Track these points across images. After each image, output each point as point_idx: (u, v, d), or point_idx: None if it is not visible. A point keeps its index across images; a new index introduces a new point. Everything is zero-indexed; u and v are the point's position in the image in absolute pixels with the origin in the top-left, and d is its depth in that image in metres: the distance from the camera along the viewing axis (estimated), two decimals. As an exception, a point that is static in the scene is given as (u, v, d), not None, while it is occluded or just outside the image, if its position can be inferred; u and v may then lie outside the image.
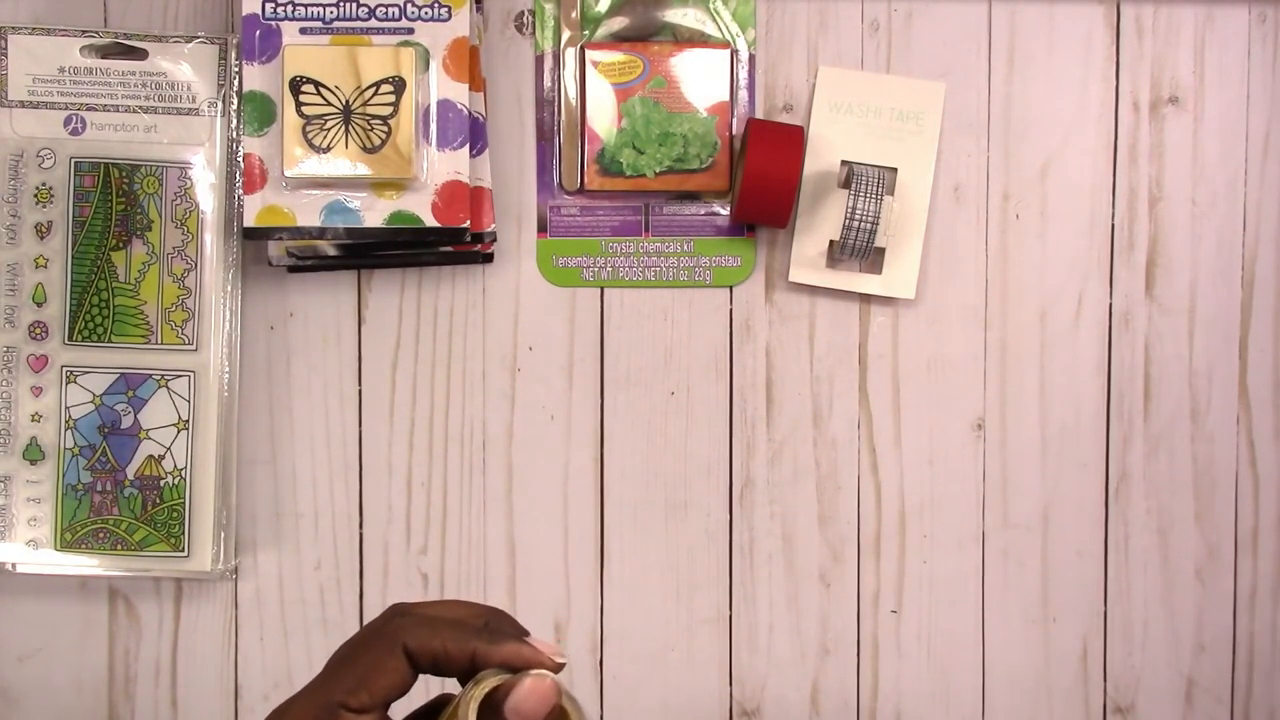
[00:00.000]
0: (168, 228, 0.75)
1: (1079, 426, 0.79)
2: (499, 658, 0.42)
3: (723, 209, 0.78)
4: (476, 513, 0.79)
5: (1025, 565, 0.80)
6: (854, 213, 0.74)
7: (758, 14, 0.78)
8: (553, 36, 0.77)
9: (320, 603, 0.78)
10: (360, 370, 0.78)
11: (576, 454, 0.79)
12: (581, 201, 0.78)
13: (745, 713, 0.80)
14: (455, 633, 0.42)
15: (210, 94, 0.74)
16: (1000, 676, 0.80)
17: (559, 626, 0.79)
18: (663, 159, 0.77)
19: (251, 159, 0.73)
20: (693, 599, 0.79)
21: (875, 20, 0.78)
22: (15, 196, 0.74)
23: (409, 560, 0.78)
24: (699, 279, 0.78)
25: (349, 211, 0.73)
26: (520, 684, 0.42)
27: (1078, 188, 0.79)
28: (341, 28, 0.73)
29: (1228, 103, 0.79)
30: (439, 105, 0.73)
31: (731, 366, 0.79)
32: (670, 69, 0.76)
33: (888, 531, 0.79)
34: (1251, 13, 0.79)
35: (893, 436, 0.79)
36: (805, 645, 0.80)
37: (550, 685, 0.42)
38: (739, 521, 0.79)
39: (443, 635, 0.42)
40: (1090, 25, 0.79)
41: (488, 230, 0.75)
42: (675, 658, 0.79)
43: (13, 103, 0.74)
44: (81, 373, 0.75)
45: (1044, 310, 0.79)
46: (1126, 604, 0.80)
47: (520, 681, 0.42)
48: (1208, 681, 0.80)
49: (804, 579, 0.79)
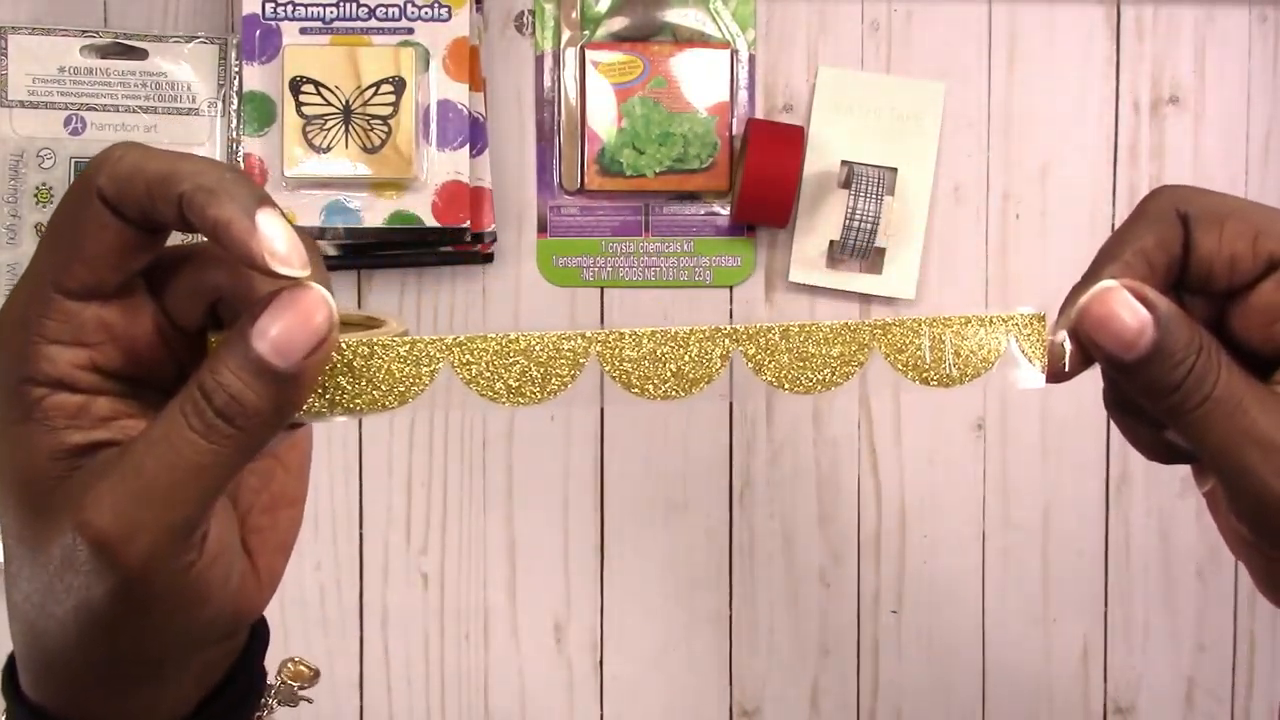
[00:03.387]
0: (168, 228, 0.75)
1: (1079, 426, 0.79)
2: (208, 219, 0.30)
3: (723, 209, 0.78)
4: (476, 513, 0.79)
5: (1025, 565, 0.80)
6: (854, 213, 0.74)
7: (758, 14, 0.78)
8: (553, 36, 0.77)
9: (320, 602, 0.78)
10: (360, 370, 0.78)
11: (576, 454, 0.79)
12: (581, 201, 0.78)
13: (745, 713, 0.80)
14: (163, 170, 0.31)
15: (210, 94, 0.74)
16: (1000, 676, 0.80)
17: (559, 626, 0.79)
18: (663, 159, 0.77)
19: (251, 159, 0.73)
20: (693, 599, 0.79)
21: (875, 20, 0.78)
22: (15, 196, 0.74)
23: (409, 560, 0.78)
24: (699, 279, 0.78)
25: (349, 211, 0.73)
26: (269, 299, 0.31)
27: (1078, 188, 0.79)
28: (341, 28, 0.73)
29: (1228, 103, 0.79)
30: (439, 105, 0.73)
31: (731, 366, 0.79)
32: (670, 69, 0.76)
33: (888, 531, 0.79)
34: (1251, 13, 0.79)
35: (893, 436, 0.79)
36: (805, 645, 0.80)
37: (314, 300, 0.31)
38: (739, 521, 0.79)
39: (146, 174, 0.31)
40: (1090, 25, 0.79)
41: (488, 230, 0.75)
42: (675, 658, 0.79)
43: (13, 103, 0.74)
44: (81, 373, 0.75)
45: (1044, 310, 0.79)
46: (1127, 604, 0.80)
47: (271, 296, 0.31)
48: (1208, 681, 0.80)
49: (804, 579, 0.79)
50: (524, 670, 0.79)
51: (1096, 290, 0.35)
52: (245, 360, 0.30)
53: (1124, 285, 0.34)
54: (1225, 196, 0.36)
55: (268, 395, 0.30)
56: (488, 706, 0.79)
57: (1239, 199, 0.36)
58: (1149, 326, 0.34)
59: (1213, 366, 0.34)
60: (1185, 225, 0.35)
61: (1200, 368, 0.34)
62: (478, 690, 0.79)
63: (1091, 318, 0.35)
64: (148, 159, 0.31)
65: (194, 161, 0.31)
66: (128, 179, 0.31)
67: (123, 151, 0.31)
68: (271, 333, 0.30)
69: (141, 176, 0.31)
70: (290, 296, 0.31)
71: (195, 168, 0.31)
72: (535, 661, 0.79)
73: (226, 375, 0.30)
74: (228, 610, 0.34)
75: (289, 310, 0.30)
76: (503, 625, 0.79)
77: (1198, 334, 0.34)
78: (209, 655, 0.35)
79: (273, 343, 0.30)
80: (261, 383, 0.30)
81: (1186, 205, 0.35)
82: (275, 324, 0.30)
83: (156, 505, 0.30)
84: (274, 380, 0.30)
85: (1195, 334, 0.34)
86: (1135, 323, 0.34)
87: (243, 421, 0.30)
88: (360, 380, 0.32)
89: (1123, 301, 0.34)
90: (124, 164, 0.31)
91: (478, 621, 0.79)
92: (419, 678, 0.79)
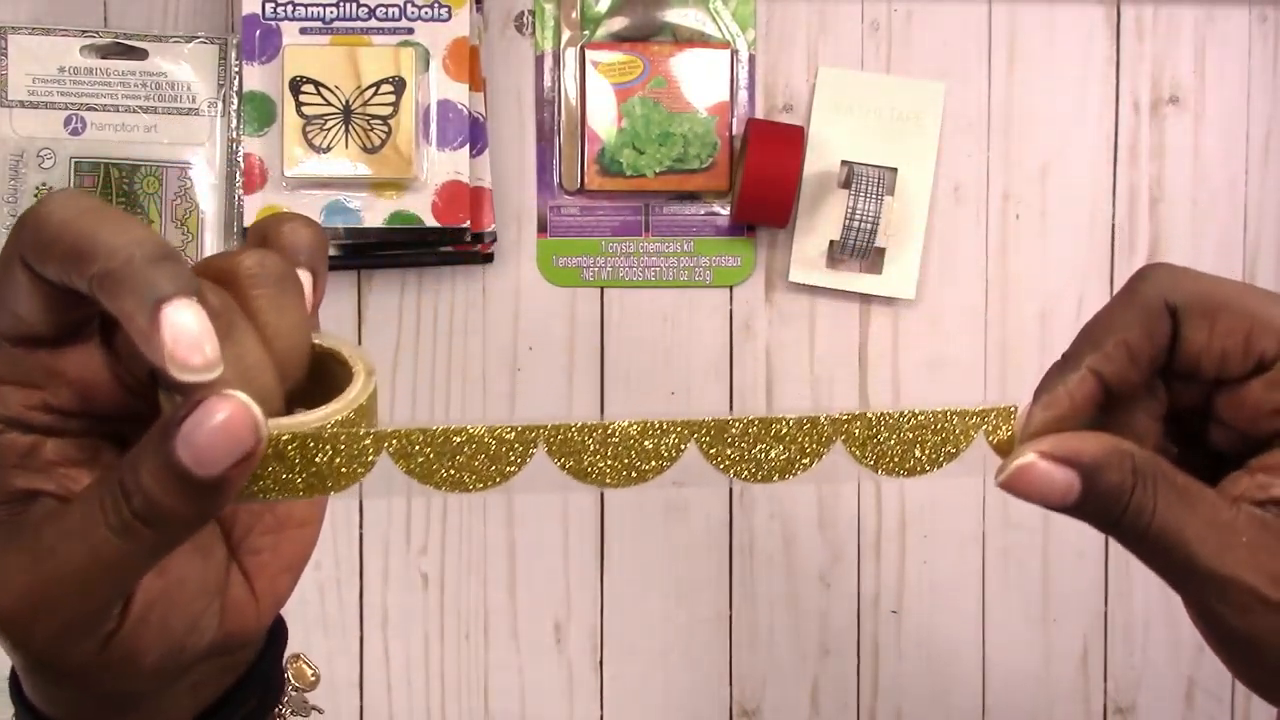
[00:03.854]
0: (168, 228, 0.75)
1: (1079, 426, 0.79)
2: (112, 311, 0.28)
3: (723, 209, 0.78)
4: (476, 513, 0.79)
5: (1025, 565, 0.80)
6: (854, 213, 0.74)
7: (758, 14, 0.78)
8: (553, 36, 0.77)
9: (320, 602, 0.78)
10: (360, 370, 0.78)
11: (576, 454, 0.79)
12: (581, 201, 0.78)
13: (745, 713, 0.80)
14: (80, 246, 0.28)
15: (210, 94, 0.74)
16: (1000, 676, 0.80)
17: (559, 626, 0.79)
18: (663, 159, 0.77)
19: (251, 159, 0.73)
20: (693, 599, 0.79)
21: (875, 20, 0.78)
22: (15, 196, 0.74)
23: (409, 560, 0.78)
24: (699, 279, 0.78)
25: (349, 211, 0.73)
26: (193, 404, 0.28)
27: (1078, 188, 0.79)
28: (341, 28, 0.73)
29: (1228, 103, 0.79)
30: (439, 105, 0.73)
31: (731, 367, 0.79)
32: (670, 69, 0.76)
33: (888, 532, 0.79)
34: (1251, 13, 0.79)
35: (893, 436, 0.79)
36: (805, 645, 0.80)
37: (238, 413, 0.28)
38: (739, 521, 0.79)
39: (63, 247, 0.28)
40: (1090, 25, 0.79)
41: (488, 230, 0.75)
42: (675, 658, 0.79)
43: (13, 103, 0.74)
44: (81, 373, 0.75)
45: (1044, 310, 0.79)
46: (1127, 604, 0.80)
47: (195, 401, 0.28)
48: (1208, 682, 0.80)
49: (804, 579, 0.79)
50: (524, 670, 0.79)
51: (1013, 468, 0.34)
52: (165, 464, 0.28)
53: (1043, 453, 0.34)
54: (1219, 283, 0.35)
55: (187, 501, 0.29)
56: (488, 707, 0.79)
57: (1234, 285, 0.35)
58: (1075, 481, 0.34)
59: (1149, 497, 0.33)
60: (1174, 317, 0.35)
61: (1136, 502, 0.33)
62: (478, 690, 0.79)
63: (1014, 491, 0.35)
64: (68, 227, 0.28)
65: (115, 233, 0.28)
66: (45, 249, 0.29)
67: (51, 210, 0.29)
68: (193, 441, 0.28)
69: (59, 248, 0.28)
70: (212, 406, 0.28)
71: (112, 244, 0.28)
72: (535, 662, 0.79)
73: (146, 478, 0.28)
74: (199, 644, 0.33)
75: (210, 420, 0.28)
76: (503, 625, 0.79)
77: (1129, 468, 0.33)
78: (196, 676, 0.34)
79: (194, 453, 0.28)
80: (181, 488, 0.28)
81: (1176, 296, 0.34)
82: (197, 432, 0.28)
83: (66, 593, 0.29)
84: (194, 487, 0.28)
85: (1125, 471, 0.33)
86: (1060, 483, 0.34)
87: (160, 524, 0.29)
88: (293, 469, 0.30)
89: (1040, 473, 0.34)
90: (46, 230, 0.29)
91: (478, 622, 0.79)
92: (419, 678, 0.79)
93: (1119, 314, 0.35)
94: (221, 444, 0.28)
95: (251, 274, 0.31)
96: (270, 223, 0.34)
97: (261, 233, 0.34)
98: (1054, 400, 0.35)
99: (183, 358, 0.28)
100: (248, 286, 0.31)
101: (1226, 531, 0.33)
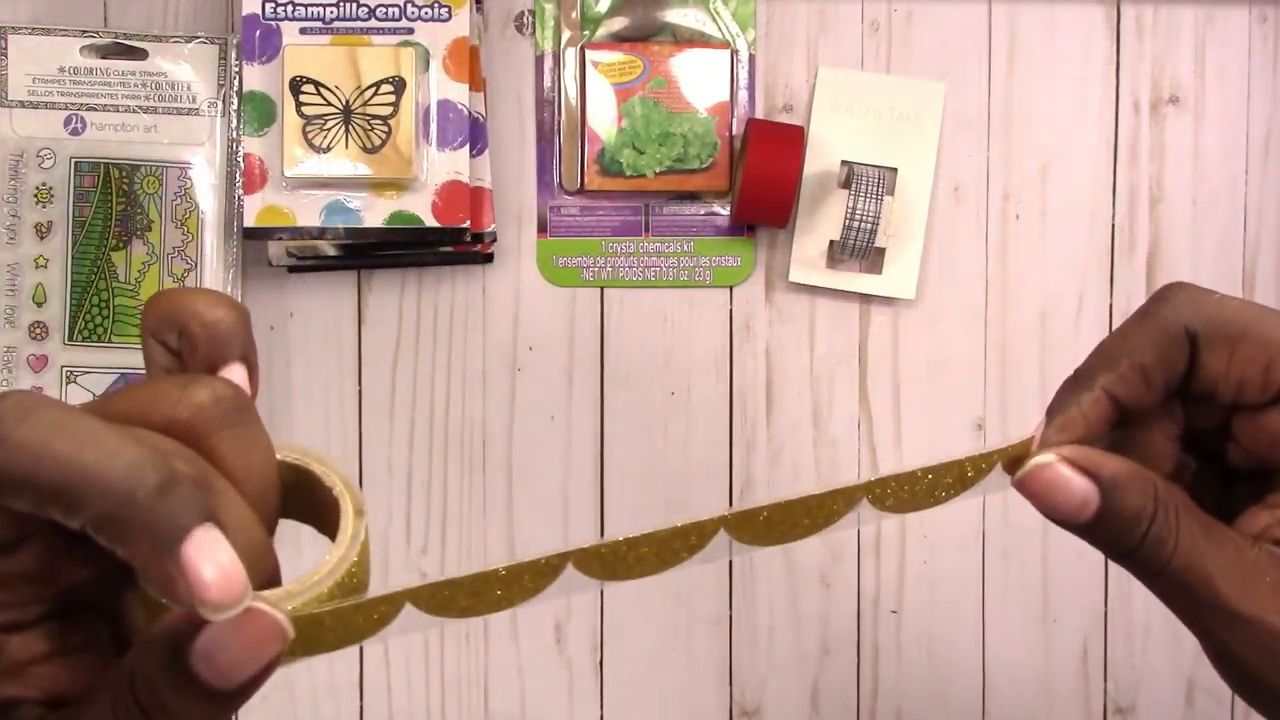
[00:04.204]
0: (168, 228, 0.75)
1: (1079, 426, 0.79)
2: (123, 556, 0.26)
3: (723, 209, 0.78)
4: (476, 513, 0.79)
5: (1025, 565, 0.80)
6: (854, 213, 0.74)
7: (758, 14, 0.78)
8: (553, 36, 0.77)
9: (320, 603, 0.78)
10: (360, 370, 0.78)
11: (576, 454, 0.79)
12: (581, 201, 0.78)
13: (745, 713, 0.80)
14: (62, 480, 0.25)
15: (210, 94, 0.74)
16: (1000, 677, 0.80)
17: (559, 626, 0.79)
18: (663, 159, 0.77)
19: (251, 159, 0.73)
20: (693, 599, 0.79)
21: (875, 20, 0.78)
22: (15, 196, 0.74)
23: (409, 560, 0.78)
24: (699, 279, 0.78)
25: (349, 211, 0.73)
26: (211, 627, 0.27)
27: (1078, 188, 0.79)
28: (341, 28, 0.73)
29: (1228, 103, 0.79)
30: (439, 105, 0.73)
31: (731, 367, 0.79)
32: (670, 69, 0.76)
33: (888, 532, 0.79)
34: (1251, 13, 0.79)
35: (893, 436, 0.79)
36: (805, 645, 0.80)
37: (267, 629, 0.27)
38: (739, 521, 0.79)
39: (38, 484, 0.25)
40: (1090, 25, 0.79)
41: (488, 230, 0.75)
42: (675, 658, 0.79)
43: (13, 103, 0.74)
44: (82, 373, 0.75)
45: (1044, 310, 0.79)
46: (1127, 604, 0.80)
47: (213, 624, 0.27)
48: (1208, 682, 0.80)
49: (804, 579, 0.79)
50: (524, 670, 0.79)
51: (1030, 467, 0.33)
52: (183, 680, 0.27)
53: (1064, 458, 0.33)
54: (1241, 309, 0.34)
55: (213, 710, 0.27)
56: (488, 707, 0.79)
57: (1256, 310, 0.34)
58: (1093, 496, 0.33)
59: (1170, 530, 0.32)
60: (1193, 342, 0.34)
61: (1156, 532, 0.32)
62: (478, 691, 0.79)
63: (1029, 491, 0.34)
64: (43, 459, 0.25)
65: (102, 462, 0.25)
66: (18, 484, 0.25)
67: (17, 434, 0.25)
68: (215, 659, 0.26)
69: (35, 484, 0.25)
70: (240, 624, 0.27)
71: (106, 480, 0.25)
72: (535, 661, 0.79)
73: (167, 695, 0.27)
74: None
75: (237, 638, 0.27)
76: (503, 625, 0.79)
77: (1151, 494, 0.32)
78: None
79: (217, 669, 0.27)
80: (206, 703, 0.27)
81: (1197, 322, 0.33)
82: (220, 651, 0.26)
83: None
84: (215, 698, 0.27)
85: (1148, 497, 0.32)
86: (1078, 493, 0.33)
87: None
88: (307, 639, 0.29)
89: (1058, 476, 0.33)
90: (17, 461, 0.25)
91: (478, 622, 0.79)
92: (419, 678, 0.79)
93: (1135, 335, 0.34)
94: (246, 660, 0.27)
95: (208, 417, 0.28)
96: (181, 311, 0.30)
97: (172, 321, 0.30)
98: (1069, 422, 0.34)
99: (216, 600, 0.26)
100: (207, 433, 0.28)
101: (1251, 570, 0.32)
